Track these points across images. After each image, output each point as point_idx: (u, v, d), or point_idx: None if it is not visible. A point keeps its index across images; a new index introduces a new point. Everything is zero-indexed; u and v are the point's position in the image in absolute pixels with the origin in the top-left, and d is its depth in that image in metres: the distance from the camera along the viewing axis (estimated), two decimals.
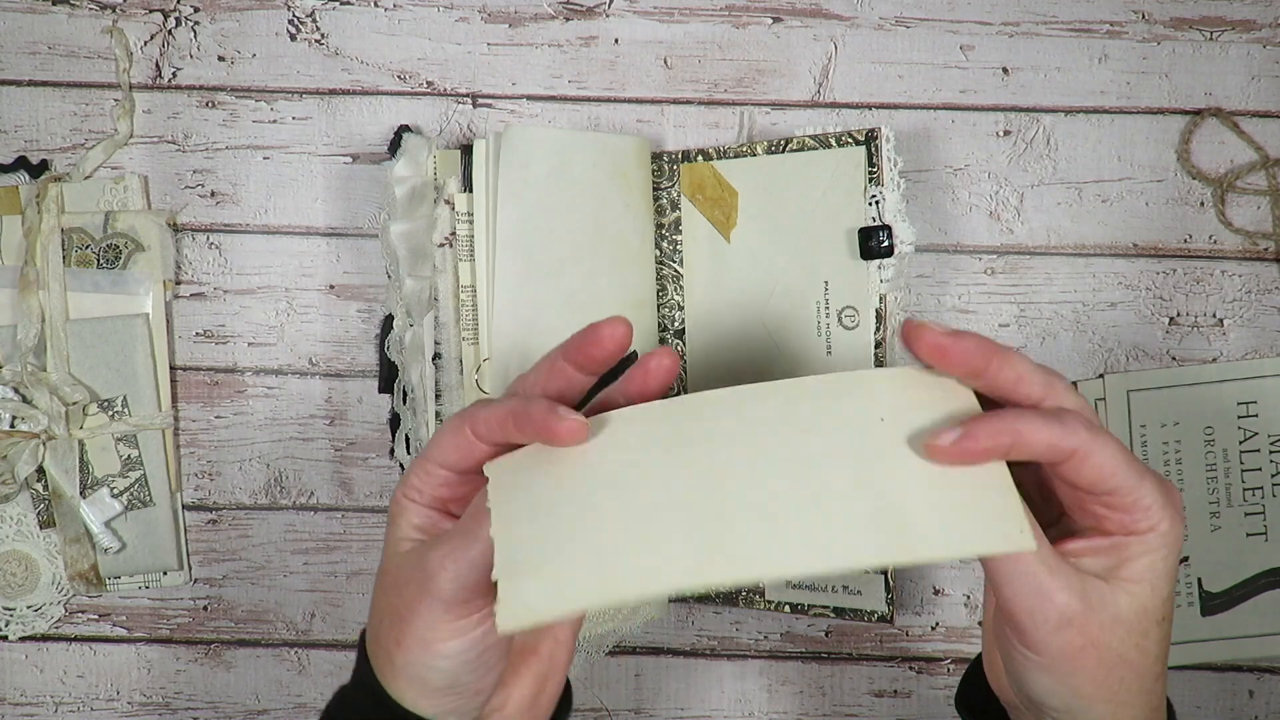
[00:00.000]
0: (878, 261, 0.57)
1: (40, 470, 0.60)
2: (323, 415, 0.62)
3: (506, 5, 0.61)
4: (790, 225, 0.58)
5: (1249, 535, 0.60)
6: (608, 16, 0.61)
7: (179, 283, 0.61)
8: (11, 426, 0.59)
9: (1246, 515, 0.60)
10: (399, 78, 0.61)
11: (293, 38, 0.61)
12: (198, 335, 0.62)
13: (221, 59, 0.61)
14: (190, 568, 0.62)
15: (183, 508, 0.62)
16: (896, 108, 0.61)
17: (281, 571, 0.62)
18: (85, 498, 0.60)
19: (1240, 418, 0.61)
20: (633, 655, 0.63)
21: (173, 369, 0.61)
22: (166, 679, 0.62)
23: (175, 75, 0.61)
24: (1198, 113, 0.61)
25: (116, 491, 0.60)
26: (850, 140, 0.57)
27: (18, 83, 0.61)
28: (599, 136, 0.59)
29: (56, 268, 0.60)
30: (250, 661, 0.62)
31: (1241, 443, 0.60)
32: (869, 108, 0.61)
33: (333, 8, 0.61)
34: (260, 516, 0.62)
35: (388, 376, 0.61)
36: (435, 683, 0.37)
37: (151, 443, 0.60)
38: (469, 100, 0.61)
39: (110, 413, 0.60)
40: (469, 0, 0.61)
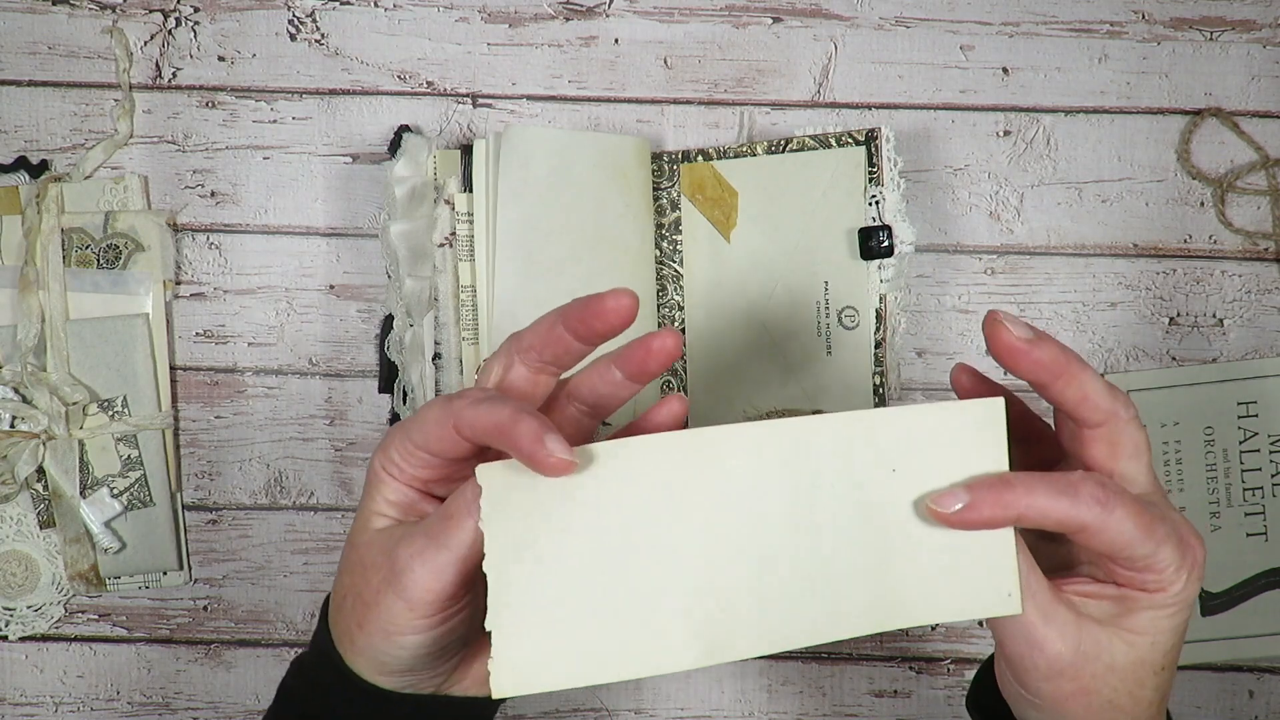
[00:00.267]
0: (878, 261, 0.57)
1: (40, 470, 0.60)
2: (323, 415, 0.62)
3: (506, 5, 0.61)
4: (790, 225, 0.58)
5: (1249, 535, 0.60)
6: (608, 16, 0.61)
7: (179, 283, 0.61)
8: (11, 426, 0.59)
9: (1246, 515, 0.60)
10: (399, 78, 0.61)
11: (293, 38, 0.61)
12: (198, 335, 0.62)
13: (221, 59, 0.61)
14: (190, 568, 0.62)
15: (183, 508, 0.62)
16: (896, 108, 0.61)
17: (281, 572, 0.62)
18: (85, 498, 0.60)
19: (1240, 418, 0.60)
20: None
21: (173, 369, 0.61)
22: (166, 679, 0.62)
23: (175, 75, 0.61)
24: (1198, 113, 0.61)
25: (116, 491, 0.60)
26: (850, 140, 0.57)
27: (18, 83, 0.61)
28: (599, 136, 0.59)
29: (56, 268, 0.60)
30: (250, 661, 0.62)
31: (1241, 443, 0.60)
32: (869, 108, 0.61)
33: (333, 8, 0.61)
34: (260, 516, 0.62)
35: (388, 376, 0.61)
36: (394, 666, 0.37)
37: (151, 443, 0.60)
38: (469, 100, 0.61)
39: (110, 413, 0.60)
40: (469, 0, 0.61)
